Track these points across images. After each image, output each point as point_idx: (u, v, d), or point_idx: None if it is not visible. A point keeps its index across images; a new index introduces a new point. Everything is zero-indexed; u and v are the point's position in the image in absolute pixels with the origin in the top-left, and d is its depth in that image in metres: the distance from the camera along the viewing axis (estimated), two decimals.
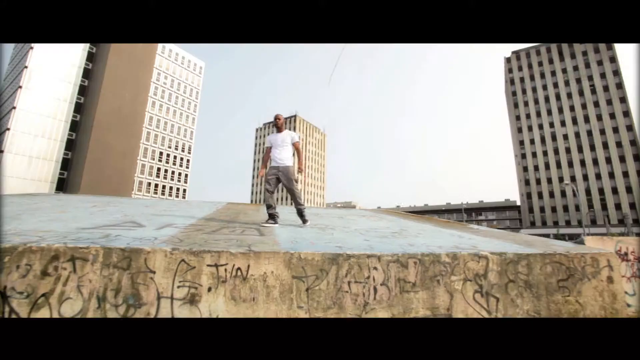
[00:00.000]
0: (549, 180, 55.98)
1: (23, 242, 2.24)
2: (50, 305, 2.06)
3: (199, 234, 3.09)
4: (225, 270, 2.34)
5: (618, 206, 49.58)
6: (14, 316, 2.01)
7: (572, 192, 51.54)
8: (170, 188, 58.64)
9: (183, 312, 2.22)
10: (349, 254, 2.59)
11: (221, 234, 3.16)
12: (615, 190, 50.39)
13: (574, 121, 55.72)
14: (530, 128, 59.69)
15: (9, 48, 52.20)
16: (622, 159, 50.69)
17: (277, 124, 4.28)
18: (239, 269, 2.36)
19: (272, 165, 4.20)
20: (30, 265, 2.10)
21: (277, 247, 2.67)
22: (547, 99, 59.05)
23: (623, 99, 52.34)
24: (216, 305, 2.26)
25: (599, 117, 53.76)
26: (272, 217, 4.08)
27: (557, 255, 3.20)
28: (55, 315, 2.06)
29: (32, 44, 39.83)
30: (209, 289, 2.29)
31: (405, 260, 2.70)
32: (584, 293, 3.16)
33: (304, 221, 4.33)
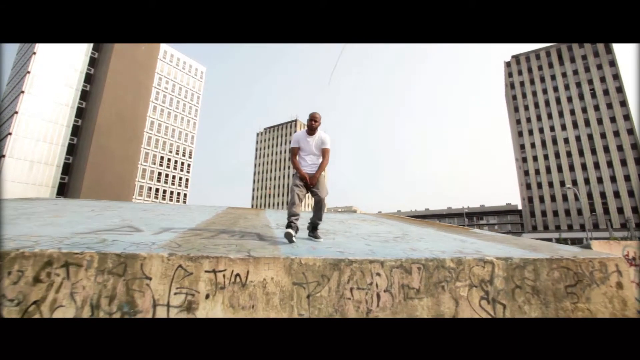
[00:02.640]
0: (550, 184, 55.83)
1: (16, 247, 2.17)
2: (41, 313, 1.99)
3: (197, 238, 3.02)
4: (224, 276, 2.27)
5: (620, 210, 49.36)
6: None
7: (573, 195, 51.38)
8: (171, 193, 58.65)
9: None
10: (351, 260, 2.52)
11: (220, 239, 3.10)
12: (617, 194, 50.22)
13: (575, 125, 55.75)
14: (530, 132, 59.70)
15: (12, 52, 52.65)
16: (624, 163, 50.58)
17: (313, 126, 3.45)
18: (237, 275, 2.29)
19: (305, 171, 3.47)
20: (22, 272, 2.03)
21: (277, 252, 2.60)
22: (547, 103, 59.16)
23: (623, 103, 52.39)
24: (214, 313, 2.19)
25: (600, 121, 53.77)
26: (295, 227, 3.29)
27: (564, 260, 3.12)
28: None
29: (35, 50, 40.14)
30: (207, 296, 2.21)
31: (409, 265, 2.63)
32: (593, 299, 3.07)
33: (317, 237, 3.54)
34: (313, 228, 3.62)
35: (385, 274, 2.55)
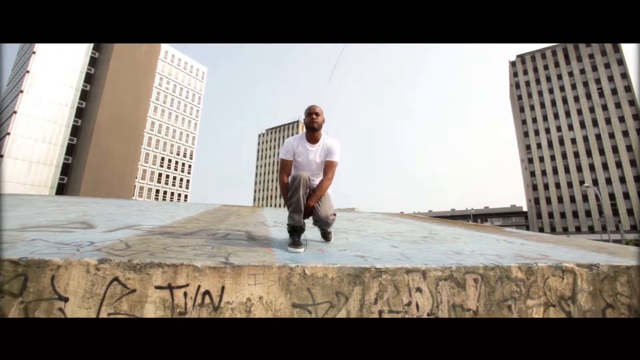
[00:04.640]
0: (557, 185, 54.66)
1: None
2: None
3: (161, 238, 2.21)
4: (185, 295, 1.46)
5: (630, 211, 48.12)
6: None
7: (581, 196, 50.36)
8: (172, 194, 57.99)
9: None
10: (379, 268, 1.71)
11: (194, 238, 2.29)
12: (626, 195, 48.99)
13: (582, 125, 54.59)
14: (537, 132, 58.59)
15: (12, 53, 52.43)
16: (633, 163, 49.38)
17: (314, 122, 2.31)
18: (207, 293, 1.48)
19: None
20: None
21: (269, 257, 1.79)
22: (553, 103, 58.06)
23: (632, 102, 51.24)
24: None
25: (608, 121, 52.61)
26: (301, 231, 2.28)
27: None
28: None
29: (35, 49, 39.69)
30: None
31: (462, 276, 1.81)
32: None
33: (327, 238, 2.64)
34: (322, 235, 2.63)
35: (428, 289, 1.73)
